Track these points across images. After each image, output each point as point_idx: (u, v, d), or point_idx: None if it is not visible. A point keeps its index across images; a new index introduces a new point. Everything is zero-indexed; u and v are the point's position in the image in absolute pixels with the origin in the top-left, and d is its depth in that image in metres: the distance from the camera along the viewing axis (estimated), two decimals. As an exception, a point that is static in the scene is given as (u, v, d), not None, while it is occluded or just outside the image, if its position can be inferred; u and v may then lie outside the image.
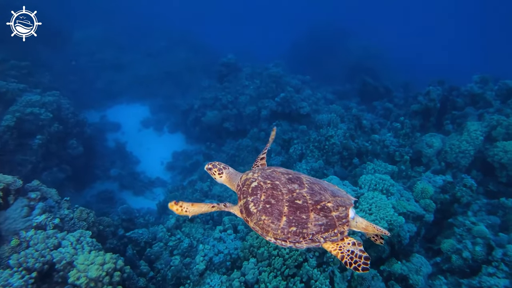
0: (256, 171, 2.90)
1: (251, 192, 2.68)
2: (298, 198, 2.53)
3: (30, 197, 5.69)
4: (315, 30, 27.06)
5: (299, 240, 2.47)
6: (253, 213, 2.59)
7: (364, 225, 2.67)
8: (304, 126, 12.52)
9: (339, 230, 2.49)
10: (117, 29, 23.82)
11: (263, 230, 2.56)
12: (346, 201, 2.64)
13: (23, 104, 10.95)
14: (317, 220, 2.47)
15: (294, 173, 2.83)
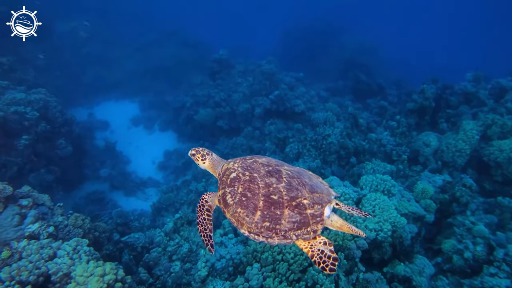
0: (238, 160, 2.86)
1: (229, 183, 2.67)
2: (274, 193, 2.49)
3: (21, 205, 5.35)
4: (306, 25, 26.87)
5: (271, 236, 2.46)
6: (230, 204, 2.60)
7: (339, 224, 2.64)
8: (300, 124, 12.38)
9: (312, 228, 2.45)
10: (103, 22, 23.00)
11: (238, 223, 2.56)
12: (324, 198, 2.58)
13: (6, 102, 10.42)
14: (291, 217, 2.43)
15: (276, 164, 2.76)
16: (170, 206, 10.13)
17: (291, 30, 27.68)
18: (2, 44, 15.00)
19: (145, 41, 22.04)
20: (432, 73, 15.43)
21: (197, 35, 24.38)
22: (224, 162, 3.00)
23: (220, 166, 2.99)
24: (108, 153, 14.56)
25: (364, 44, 23.98)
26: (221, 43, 24.59)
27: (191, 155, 3.15)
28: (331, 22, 27.84)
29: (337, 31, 26.64)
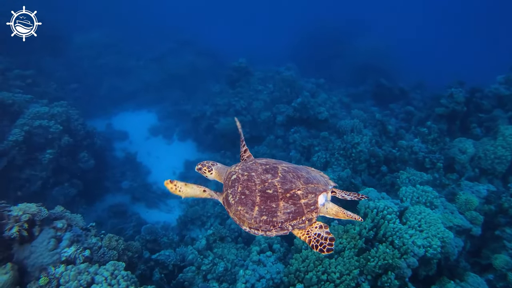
0: (239, 164, 2.98)
1: (230, 184, 2.78)
2: (269, 188, 2.58)
3: (56, 227, 5.12)
4: (318, 30, 26.62)
5: (269, 229, 2.52)
6: (232, 204, 2.70)
7: (334, 211, 2.69)
8: (326, 132, 12.00)
9: (307, 217, 2.52)
10: (118, 33, 23.12)
11: (240, 220, 2.64)
12: (318, 188, 2.63)
13: (30, 116, 10.35)
14: (286, 208, 2.50)
15: (274, 162, 2.84)
16: (197, 220, 9.84)
17: (303, 36, 27.44)
18: (25, 58, 15.17)
19: (160, 51, 21.99)
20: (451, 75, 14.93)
21: (210, 43, 24.30)
22: (229, 168, 3.09)
23: (225, 172, 3.08)
24: (128, 164, 14.41)
25: (379, 48, 23.54)
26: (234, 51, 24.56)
27: (198, 170, 3.22)
28: (343, 26, 27.52)
29: (350, 35, 26.26)
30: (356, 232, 6.27)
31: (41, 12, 18.36)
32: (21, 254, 4.80)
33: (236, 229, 8.62)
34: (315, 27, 27.14)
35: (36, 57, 16.61)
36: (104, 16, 25.13)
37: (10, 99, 10.36)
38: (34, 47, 16.88)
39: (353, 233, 6.27)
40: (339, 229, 6.40)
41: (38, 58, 16.60)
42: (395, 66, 22.17)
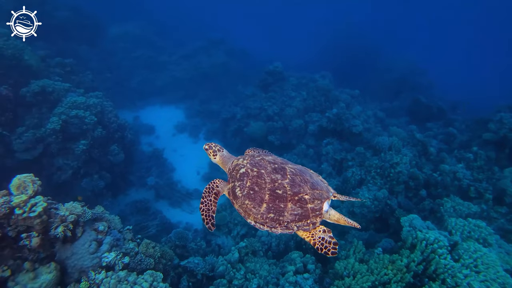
0: (246, 157, 3.06)
1: (239, 177, 2.89)
2: (279, 188, 2.71)
3: (98, 230, 4.93)
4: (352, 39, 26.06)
5: (275, 226, 2.67)
6: (239, 197, 2.82)
7: (336, 217, 2.82)
8: (361, 148, 11.55)
9: (311, 221, 2.67)
10: (152, 27, 23.22)
11: (245, 213, 2.77)
12: (323, 195, 2.78)
13: (68, 105, 10.33)
14: (293, 210, 2.65)
15: (281, 162, 2.97)
16: (223, 226, 9.58)
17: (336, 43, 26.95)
18: (63, 45, 15.32)
19: (192, 48, 21.93)
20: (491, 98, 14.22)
21: (242, 45, 24.10)
22: (234, 158, 3.21)
23: (230, 162, 3.18)
24: (153, 160, 14.31)
25: (415, 64, 22.79)
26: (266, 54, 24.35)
27: (205, 149, 3.42)
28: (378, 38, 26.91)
29: (385, 47, 25.65)
30: (404, 264, 5.85)
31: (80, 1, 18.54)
32: (63, 254, 4.63)
33: (266, 242, 8.31)
34: (349, 36, 26.62)
35: (73, 44, 16.79)
36: (139, 9, 25.31)
37: (51, 87, 10.37)
38: (72, 35, 17.10)
39: (400, 265, 5.85)
40: (385, 258, 6.00)
41: (75, 46, 16.77)
42: (430, 83, 21.43)
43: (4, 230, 4.22)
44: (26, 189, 4.32)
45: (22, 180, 4.33)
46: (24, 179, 4.35)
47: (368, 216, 9.54)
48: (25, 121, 10.35)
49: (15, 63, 10.65)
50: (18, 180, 4.33)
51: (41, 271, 4.37)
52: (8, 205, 4.14)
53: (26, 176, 4.39)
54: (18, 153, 9.84)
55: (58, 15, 16.49)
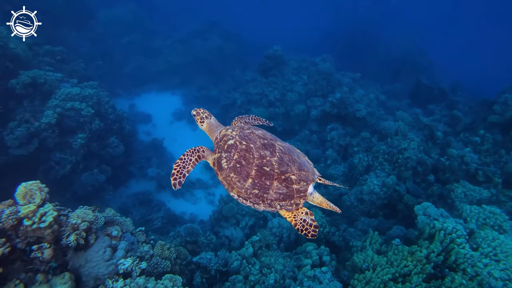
0: (235, 129, 2.95)
1: (226, 148, 2.81)
2: (266, 165, 2.66)
3: (111, 235, 4.68)
4: (351, 19, 25.45)
5: (258, 202, 2.66)
6: (224, 168, 2.75)
7: (319, 200, 2.81)
8: (367, 133, 11.37)
9: (295, 201, 2.66)
10: (143, 10, 22.21)
11: (229, 186, 2.73)
12: (309, 177, 2.77)
13: (62, 97, 9.85)
14: (278, 189, 2.63)
15: (271, 138, 2.91)
16: (231, 218, 9.41)
17: (335, 24, 26.29)
18: (51, 31, 14.53)
19: (186, 31, 21.08)
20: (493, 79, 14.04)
21: (238, 27, 23.30)
22: (222, 128, 3.11)
23: (218, 131, 3.10)
24: (153, 150, 13.96)
25: (415, 44, 22.38)
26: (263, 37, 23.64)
27: (193, 115, 3.29)
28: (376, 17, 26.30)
29: (383, 26, 25.12)
30: (423, 255, 5.74)
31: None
32: (76, 262, 4.38)
33: (277, 234, 8.18)
34: (348, 17, 25.98)
35: (61, 30, 15.97)
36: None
37: (42, 78, 9.80)
38: (60, 20, 16.23)
39: (420, 256, 5.75)
40: (404, 250, 5.90)
41: (64, 32, 15.97)
42: (429, 62, 21.15)
43: (13, 242, 3.93)
44: (33, 198, 4.01)
45: (28, 188, 4.01)
46: (30, 187, 4.03)
47: (377, 202, 9.47)
48: (17, 115, 9.85)
49: (0, 52, 10.02)
50: (24, 188, 4.01)
51: (55, 282, 4.12)
52: (16, 216, 3.83)
53: (33, 184, 4.07)
54: (12, 148, 9.40)
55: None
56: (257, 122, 3.65)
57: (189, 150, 2.99)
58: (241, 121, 3.55)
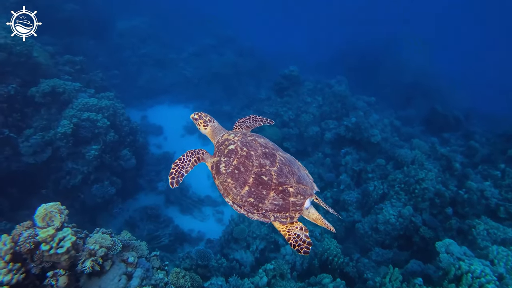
0: (238, 134, 2.94)
1: (226, 153, 2.79)
2: (265, 174, 2.62)
3: (127, 261, 4.48)
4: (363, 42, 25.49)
5: (252, 211, 2.59)
6: (222, 173, 2.73)
7: (315, 217, 2.76)
8: (382, 160, 11.16)
9: (290, 214, 2.60)
10: (159, 22, 22.52)
11: (225, 191, 2.70)
12: (307, 191, 2.72)
13: (79, 107, 9.82)
14: (275, 200, 2.58)
15: (272, 148, 2.86)
16: (242, 240, 9.16)
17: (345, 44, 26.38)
18: (70, 40, 14.71)
19: (201, 45, 21.24)
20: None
21: (252, 43, 23.48)
22: (225, 132, 3.12)
23: (220, 135, 3.08)
24: (163, 163, 13.82)
25: (427, 69, 22.33)
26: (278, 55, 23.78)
27: (194, 119, 3.24)
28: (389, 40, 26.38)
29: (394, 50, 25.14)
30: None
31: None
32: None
33: (290, 261, 7.92)
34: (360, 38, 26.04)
35: (80, 39, 16.17)
36: (145, 3, 24.54)
37: (61, 87, 9.83)
38: (79, 29, 16.47)
39: (445, 299, 5.47)
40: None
41: (83, 41, 16.15)
42: (442, 88, 21.02)
43: (28, 267, 3.75)
44: (53, 220, 3.85)
45: (48, 210, 3.85)
46: (50, 209, 3.87)
47: (392, 233, 9.19)
48: (33, 122, 9.84)
49: (23, 60, 10.09)
50: (44, 210, 3.85)
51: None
52: (34, 239, 3.67)
53: (53, 206, 3.91)
54: (25, 156, 9.34)
55: (66, 7, 15.84)
56: (259, 124, 3.63)
57: (189, 151, 2.98)
58: (243, 126, 3.52)
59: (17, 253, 3.68)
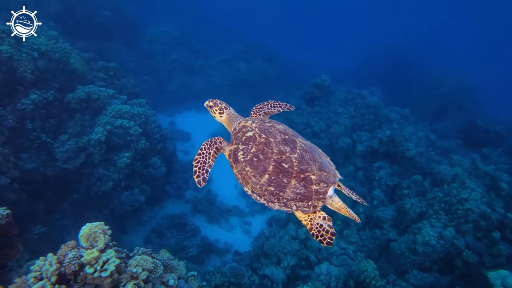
0: (256, 120, 2.85)
1: (244, 140, 2.70)
2: (285, 162, 2.52)
3: (168, 284, 4.30)
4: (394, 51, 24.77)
5: (273, 200, 2.51)
6: (240, 161, 2.63)
7: (338, 205, 2.63)
8: (419, 176, 10.63)
9: (313, 203, 2.50)
10: (188, 29, 22.74)
11: (243, 180, 2.61)
12: (330, 178, 2.60)
13: (112, 114, 9.90)
14: (296, 188, 2.49)
15: (292, 134, 2.77)
16: (272, 256, 8.88)
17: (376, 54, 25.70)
18: (103, 45, 15.00)
19: (230, 52, 21.23)
20: None
21: (280, 51, 23.29)
22: (242, 119, 3.00)
23: (237, 122, 2.99)
24: (191, 170, 13.67)
25: (463, 79, 21.34)
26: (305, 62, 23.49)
27: (208, 106, 3.19)
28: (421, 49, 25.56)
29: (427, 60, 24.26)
30: None
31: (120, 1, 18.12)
32: (127, 314, 4.02)
33: (325, 281, 7.57)
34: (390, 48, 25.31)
35: (113, 45, 16.49)
36: (175, 10, 24.89)
37: (96, 93, 9.94)
38: (112, 35, 16.81)
39: None
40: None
41: (115, 47, 16.46)
42: (479, 99, 20.06)
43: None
44: (96, 241, 3.72)
45: (93, 231, 3.73)
46: (95, 229, 3.74)
47: (432, 256, 8.68)
48: (68, 128, 9.98)
49: (62, 66, 10.29)
50: (89, 230, 3.73)
51: (107, 335, 3.78)
52: (78, 261, 3.55)
53: (97, 226, 3.79)
54: (60, 162, 9.46)
55: (101, 14, 16.22)
56: (277, 110, 3.47)
57: (206, 143, 2.88)
58: (260, 112, 3.39)
59: (62, 274, 3.57)
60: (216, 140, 2.91)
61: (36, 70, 9.41)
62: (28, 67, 9.01)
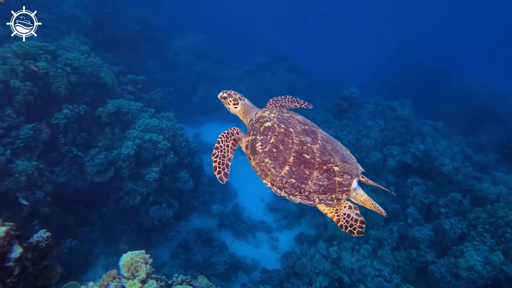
0: (274, 111, 2.77)
1: (262, 131, 2.61)
2: (307, 152, 2.42)
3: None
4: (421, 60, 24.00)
5: (294, 193, 2.42)
6: (258, 152, 2.55)
7: (363, 198, 2.53)
8: (459, 194, 10.05)
9: (336, 196, 2.41)
10: (213, 40, 22.95)
11: (262, 172, 2.52)
12: (353, 170, 2.52)
13: (141, 128, 9.89)
14: (319, 180, 2.39)
15: (312, 125, 2.68)
16: (304, 276, 8.53)
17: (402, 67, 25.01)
18: (130, 58, 15.25)
19: (255, 63, 21.22)
20: None
21: (303, 62, 23.09)
22: (258, 110, 2.94)
23: (253, 112, 2.91)
24: (217, 183, 13.56)
25: (496, 89, 20.41)
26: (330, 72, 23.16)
27: (222, 97, 3.08)
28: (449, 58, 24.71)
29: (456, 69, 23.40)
30: None
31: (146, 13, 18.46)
32: None
33: None
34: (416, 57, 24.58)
35: (140, 58, 16.76)
36: (200, 22, 25.22)
37: (126, 107, 10.01)
38: (139, 48, 17.10)
39: None
40: None
41: (142, 60, 16.72)
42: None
43: (111, 320, 3.47)
44: (137, 270, 3.55)
45: (134, 260, 3.57)
46: (136, 258, 3.59)
47: (478, 282, 8.06)
48: (98, 142, 10.06)
49: (93, 81, 10.45)
50: (130, 259, 3.57)
51: None
52: (120, 293, 3.39)
53: (138, 255, 3.63)
54: (90, 175, 9.52)
55: (128, 28, 16.55)
56: (294, 105, 3.34)
57: (222, 134, 2.79)
58: (277, 104, 3.29)
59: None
60: (232, 131, 2.82)
61: (69, 85, 9.58)
62: (62, 82, 9.18)
